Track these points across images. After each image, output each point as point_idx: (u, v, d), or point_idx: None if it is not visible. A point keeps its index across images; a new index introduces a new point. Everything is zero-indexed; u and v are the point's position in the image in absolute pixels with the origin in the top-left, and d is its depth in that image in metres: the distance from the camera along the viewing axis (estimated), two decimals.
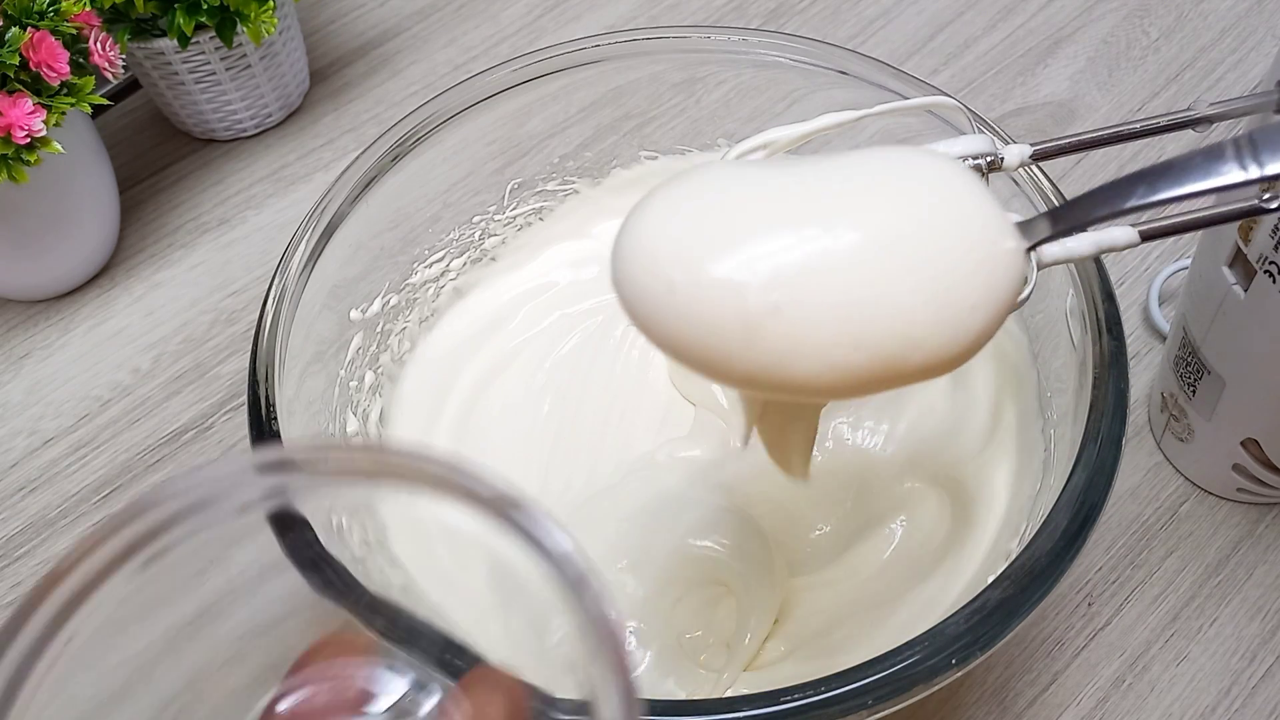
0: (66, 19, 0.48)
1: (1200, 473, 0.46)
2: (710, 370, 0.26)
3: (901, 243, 0.25)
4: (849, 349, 0.25)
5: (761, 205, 0.26)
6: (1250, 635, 0.43)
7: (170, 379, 0.53)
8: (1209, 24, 0.64)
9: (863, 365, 0.25)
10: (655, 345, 0.27)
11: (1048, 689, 0.42)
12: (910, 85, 0.42)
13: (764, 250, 0.25)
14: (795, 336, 0.25)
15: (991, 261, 0.26)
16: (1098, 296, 0.36)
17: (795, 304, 0.25)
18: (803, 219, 0.26)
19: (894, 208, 0.26)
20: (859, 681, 0.28)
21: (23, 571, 0.47)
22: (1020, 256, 0.26)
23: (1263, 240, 0.37)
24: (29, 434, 0.52)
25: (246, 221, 0.59)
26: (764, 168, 0.28)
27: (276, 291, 0.38)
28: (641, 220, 0.27)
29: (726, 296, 0.25)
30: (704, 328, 0.25)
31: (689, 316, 0.25)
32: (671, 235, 0.26)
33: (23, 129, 0.46)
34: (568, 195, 0.50)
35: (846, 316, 0.25)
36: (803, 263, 0.25)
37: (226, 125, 0.61)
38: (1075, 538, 0.31)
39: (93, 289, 0.57)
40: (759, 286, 0.25)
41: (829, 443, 0.43)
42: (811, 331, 0.25)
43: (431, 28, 0.67)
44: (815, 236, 0.25)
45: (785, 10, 0.66)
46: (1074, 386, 0.36)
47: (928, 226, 0.26)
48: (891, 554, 0.40)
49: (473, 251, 0.49)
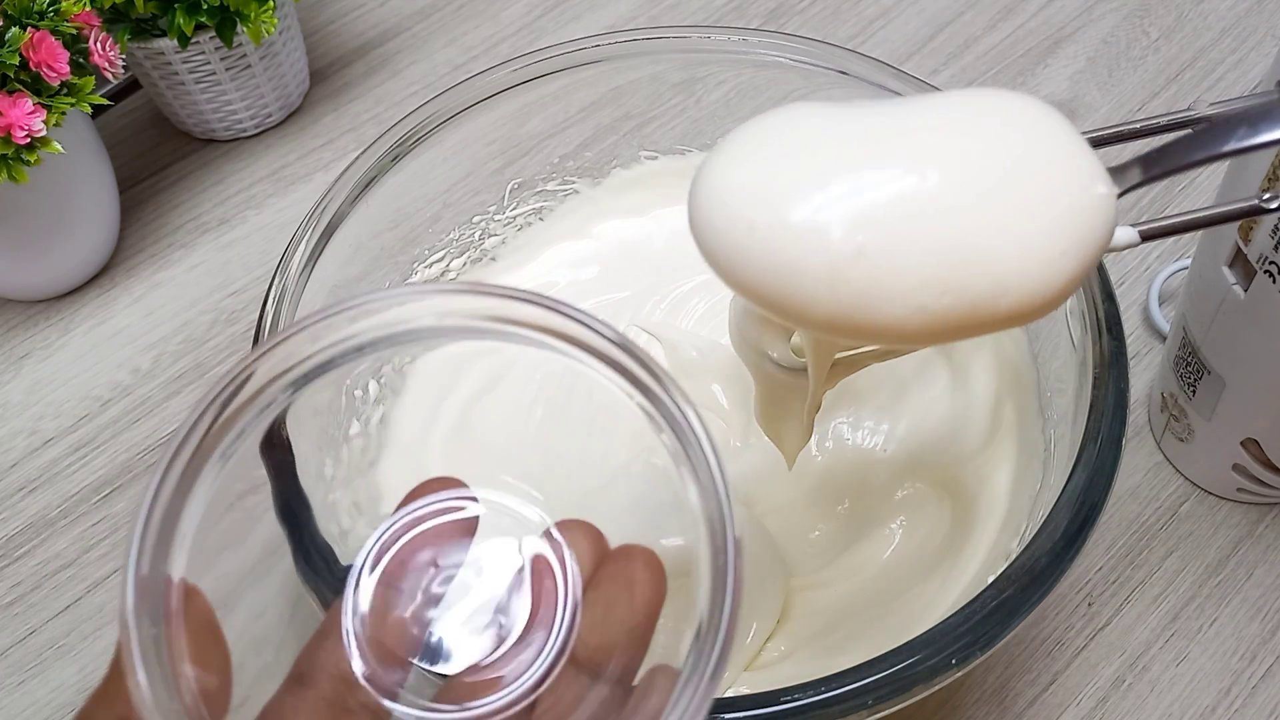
0: (66, 19, 0.48)
1: (1200, 473, 0.46)
2: (791, 314, 0.25)
3: (992, 185, 0.24)
4: (936, 293, 0.24)
5: (847, 145, 0.25)
6: (1250, 635, 0.43)
7: (170, 379, 0.53)
8: (1209, 24, 0.64)
9: (949, 310, 0.24)
10: (735, 290, 0.26)
11: (1048, 689, 0.42)
12: (910, 85, 0.42)
13: (849, 190, 0.24)
14: (880, 280, 0.24)
15: (1084, 206, 0.25)
16: (1098, 296, 0.36)
17: (881, 246, 0.24)
18: (889, 159, 0.25)
19: (984, 148, 0.25)
20: (859, 681, 0.28)
21: (23, 571, 0.47)
22: (1112, 202, 0.26)
23: (1263, 240, 0.37)
24: (29, 434, 0.52)
25: (246, 221, 0.59)
26: (848, 108, 0.26)
27: (276, 291, 0.38)
28: (721, 160, 0.26)
29: (810, 238, 0.24)
30: (786, 270, 0.24)
31: (770, 259, 0.24)
32: (752, 175, 0.25)
33: (23, 129, 0.46)
34: (568, 195, 0.50)
35: (934, 260, 0.24)
36: (889, 204, 0.24)
37: (226, 125, 0.61)
38: (1075, 538, 0.31)
39: (93, 289, 0.57)
40: (844, 228, 0.24)
41: (829, 443, 0.43)
42: (897, 275, 0.24)
43: (431, 28, 0.67)
44: (902, 177, 0.24)
45: (785, 10, 0.66)
46: (1074, 386, 0.36)
47: (1019, 168, 0.25)
48: (891, 554, 0.40)
49: (473, 251, 0.49)
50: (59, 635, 0.45)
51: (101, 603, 0.46)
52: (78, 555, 0.48)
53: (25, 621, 0.46)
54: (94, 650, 0.45)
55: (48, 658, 0.45)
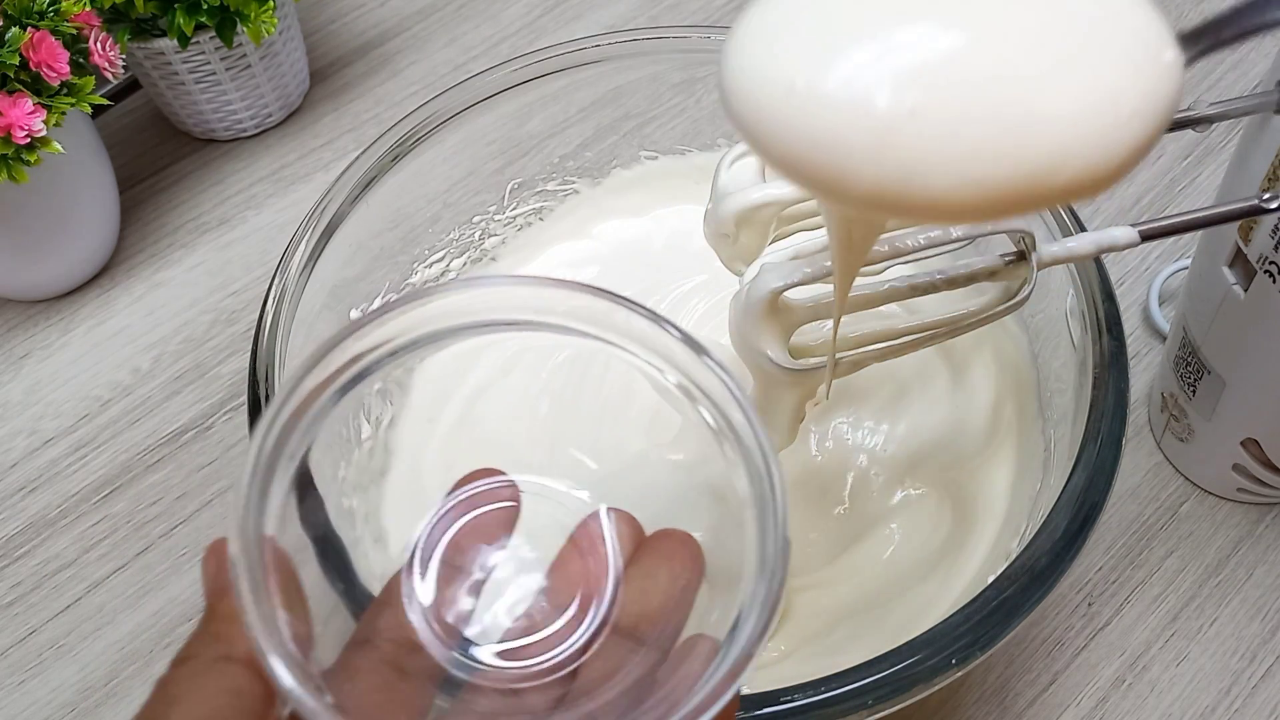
0: (66, 19, 0.48)
1: (1200, 473, 0.46)
2: (832, 186, 0.23)
3: (1053, 42, 0.22)
4: (992, 161, 0.22)
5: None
6: (1250, 635, 0.43)
7: (170, 379, 0.53)
8: None
9: (1005, 180, 0.22)
10: (770, 162, 0.24)
11: (1048, 689, 0.42)
12: None
13: (898, 45, 0.22)
14: (931, 145, 0.22)
15: (1152, 69, 0.23)
16: (1098, 296, 0.36)
17: (933, 107, 0.22)
18: (943, 10, 0.22)
19: (1045, 2, 0.23)
20: (859, 681, 0.28)
21: (23, 572, 0.47)
22: (1180, 69, 0.24)
23: (1263, 240, 0.37)
24: (29, 434, 0.52)
25: (246, 221, 0.59)
26: None
27: (276, 291, 0.38)
28: (755, 16, 0.23)
29: (855, 97, 0.22)
30: (828, 134, 0.22)
31: (811, 122, 0.22)
32: (790, 29, 0.23)
33: (23, 129, 0.46)
34: (568, 195, 0.50)
35: (991, 123, 0.22)
36: (943, 60, 0.22)
37: (226, 125, 0.61)
38: (1075, 538, 0.31)
39: (93, 289, 0.57)
40: (892, 86, 0.22)
41: (829, 443, 0.43)
42: (950, 140, 0.22)
43: (431, 28, 0.67)
44: (957, 31, 0.22)
45: None
46: (1074, 386, 0.36)
47: (1083, 25, 0.22)
48: (891, 554, 0.40)
49: (473, 251, 0.49)
50: (59, 635, 0.45)
51: (101, 603, 0.46)
52: (78, 555, 0.48)
53: (25, 621, 0.46)
54: (94, 650, 0.45)
55: (48, 658, 0.45)
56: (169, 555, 0.47)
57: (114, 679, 0.44)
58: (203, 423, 0.51)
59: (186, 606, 0.46)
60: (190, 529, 0.48)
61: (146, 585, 0.46)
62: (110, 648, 0.45)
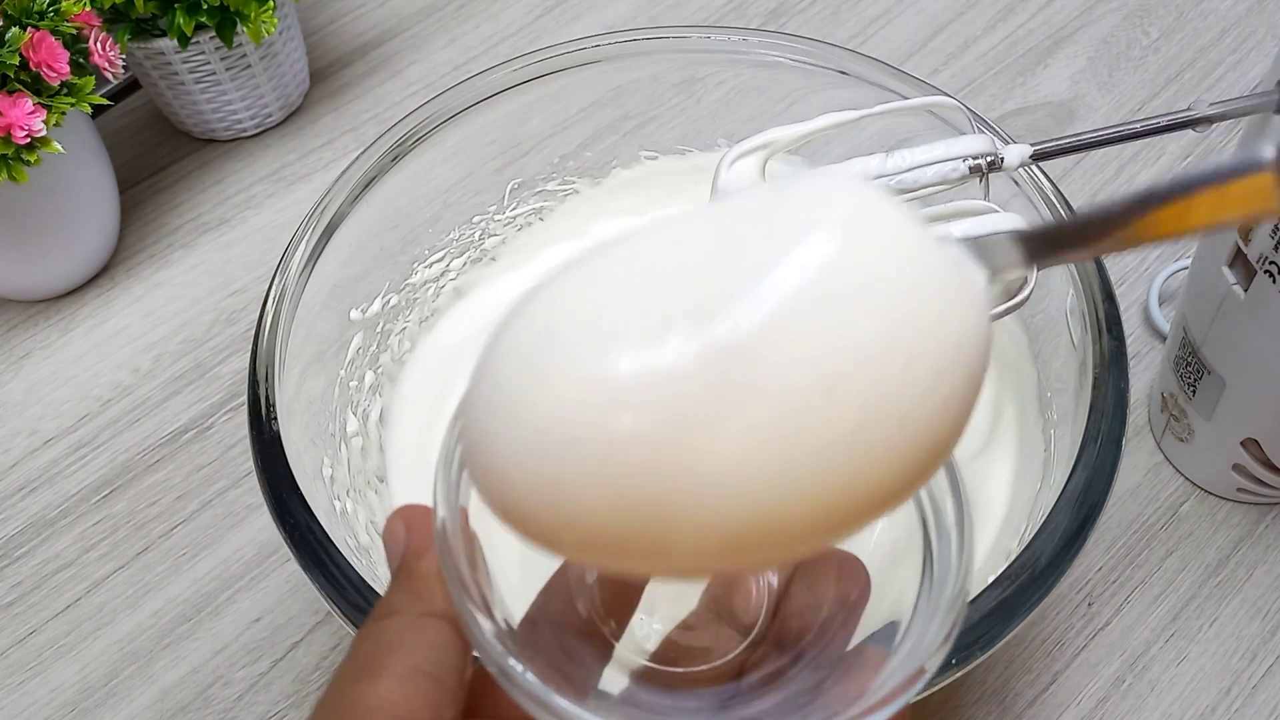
0: (66, 19, 0.48)
1: (1200, 473, 0.46)
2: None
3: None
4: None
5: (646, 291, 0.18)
6: (1250, 635, 0.43)
7: (170, 379, 0.53)
8: (1209, 24, 0.64)
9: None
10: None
11: (1048, 689, 0.42)
12: (910, 85, 0.42)
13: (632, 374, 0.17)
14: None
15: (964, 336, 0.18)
16: (1098, 296, 0.36)
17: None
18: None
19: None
20: None
21: (23, 571, 0.47)
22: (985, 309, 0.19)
23: (1263, 240, 0.37)
24: (29, 434, 0.52)
25: (246, 221, 0.59)
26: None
27: (276, 291, 0.38)
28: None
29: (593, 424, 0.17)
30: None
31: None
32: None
33: (23, 129, 0.46)
34: (568, 195, 0.50)
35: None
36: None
37: (226, 125, 0.61)
38: (1075, 538, 0.31)
39: (93, 289, 0.57)
40: (626, 416, 0.17)
41: None
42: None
43: (431, 28, 0.67)
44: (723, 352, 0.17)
45: (785, 10, 0.66)
46: (1074, 386, 0.36)
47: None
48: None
49: (473, 251, 0.49)
50: (59, 635, 0.45)
51: (101, 603, 0.46)
52: (78, 555, 0.48)
53: (25, 621, 0.46)
54: (94, 650, 0.45)
55: (48, 658, 0.45)
56: (169, 555, 0.47)
57: (114, 679, 0.44)
58: (203, 423, 0.51)
59: (186, 606, 0.46)
60: (190, 529, 0.48)
61: (146, 585, 0.47)
62: (110, 648, 0.45)
